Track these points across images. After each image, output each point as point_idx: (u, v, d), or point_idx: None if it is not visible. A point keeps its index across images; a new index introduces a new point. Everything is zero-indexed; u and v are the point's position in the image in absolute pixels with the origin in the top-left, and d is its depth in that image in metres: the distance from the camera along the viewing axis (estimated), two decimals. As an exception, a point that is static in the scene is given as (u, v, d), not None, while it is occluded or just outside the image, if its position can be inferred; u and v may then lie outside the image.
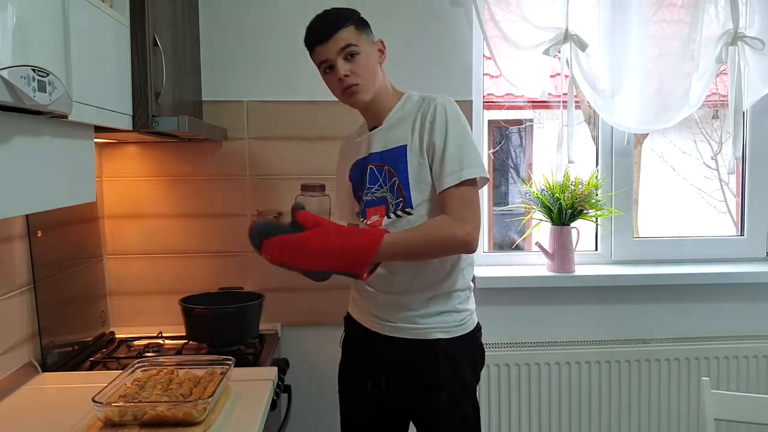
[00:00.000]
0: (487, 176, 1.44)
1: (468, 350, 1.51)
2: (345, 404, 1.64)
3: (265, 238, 1.33)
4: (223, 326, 1.78)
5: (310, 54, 1.47)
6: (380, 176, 1.49)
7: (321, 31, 1.43)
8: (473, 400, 1.53)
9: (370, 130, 1.54)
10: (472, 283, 1.56)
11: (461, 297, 1.50)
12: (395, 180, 1.46)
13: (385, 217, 1.47)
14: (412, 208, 1.44)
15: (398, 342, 1.48)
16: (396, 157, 1.46)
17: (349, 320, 1.63)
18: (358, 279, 1.36)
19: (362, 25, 1.46)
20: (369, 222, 1.50)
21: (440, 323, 1.47)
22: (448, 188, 1.39)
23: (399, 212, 1.46)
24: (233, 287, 2.00)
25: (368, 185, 1.52)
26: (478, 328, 1.55)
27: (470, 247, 1.38)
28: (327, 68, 1.45)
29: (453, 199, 1.39)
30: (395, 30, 2.07)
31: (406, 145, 1.46)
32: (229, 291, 1.96)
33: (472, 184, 1.41)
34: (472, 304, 1.54)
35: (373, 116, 1.53)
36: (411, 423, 1.59)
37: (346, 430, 1.65)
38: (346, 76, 1.42)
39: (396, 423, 1.60)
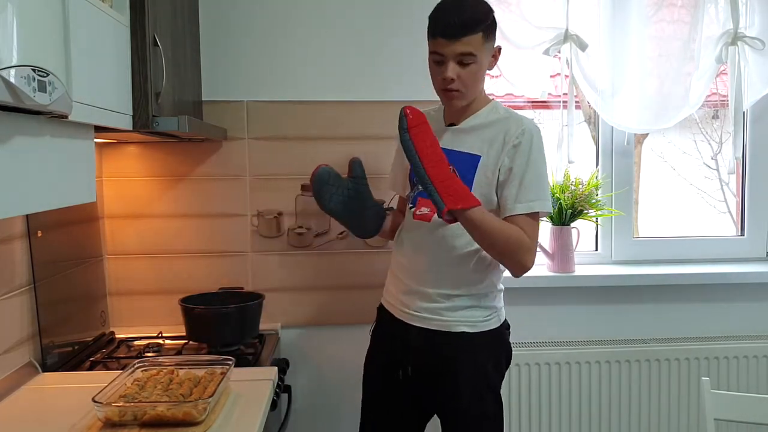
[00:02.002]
0: (551, 211, 1.49)
1: (492, 346, 1.54)
2: (369, 394, 1.65)
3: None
4: (223, 326, 1.78)
5: (429, 35, 1.46)
6: None
7: (451, 28, 1.39)
8: (496, 396, 1.55)
9: (448, 125, 1.55)
10: (502, 285, 1.59)
11: (490, 296, 1.53)
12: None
13: (435, 215, 1.44)
14: None
15: (424, 332, 1.51)
16: (465, 165, 1.47)
17: (381, 310, 1.66)
18: (439, 210, 1.34)
19: (490, 32, 1.43)
20: (418, 211, 1.51)
21: (466, 317, 1.50)
22: (518, 214, 1.43)
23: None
24: (233, 287, 2.00)
25: None
26: (505, 325, 1.58)
27: (525, 268, 1.45)
28: (438, 60, 1.44)
29: (526, 225, 1.43)
30: (395, 30, 2.07)
31: (480, 157, 1.47)
32: (229, 291, 1.96)
33: (540, 215, 1.47)
34: (500, 302, 1.57)
35: (455, 112, 1.53)
36: (436, 416, 1.61)
37: (367, 420, 1.66)
38: (453, 80, 1.42)
39: (419, 415, 1.63)
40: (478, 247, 1.47)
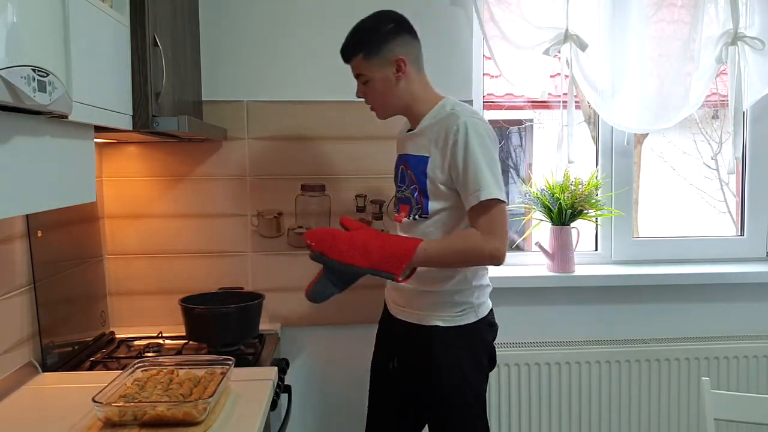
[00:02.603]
0: (503, 199, 1.46)
1: (467, 341, 1.56)
2: (372, 386, 1.75)
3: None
4: (223, 326, 1.78)
5: None
6: (406, 178, 1.61)
7: (341, 55, 1.56)
8: (477, 392, 1.58)
9: (408, 131, 1.62)
10: (486, 282, 1.62)
11: (464, 292, 1.56)
12: (415, 187, 1.56)
13: (408, 216, 1.59)
14: (428, 215, 1.54)
15: (405, 325, 1.61)
16: (418, 167, 1.55)
17: (384, 306, 1.76)
18: (393, 280, 1.44)
19: (372, 52, 1.51)
20: (396, 215, 1.67)
21: (439, 312, 1.56)
22: (472, 207, 1.45)
23: (417, 216, 1.57)
24: (233, 287, 2.00)
25: (399, 183, 1.65)
26: (485, 322, 1.60)
27: (497, 260, 1.45)
28: None
29: (479, 216, 1.45)
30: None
31: (428, 158, 1.52)
32: (229, 291, 1.96)
33: (497, 201, 1.45)
34: (477, 299, 1.59)
35: (411, 120, 1.62)
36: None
37: (370, 409, 1.75)
38: (362, 96, 1.59)
39: (412, 409, 1.68)
40: None
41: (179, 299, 1.80)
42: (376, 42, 1.51)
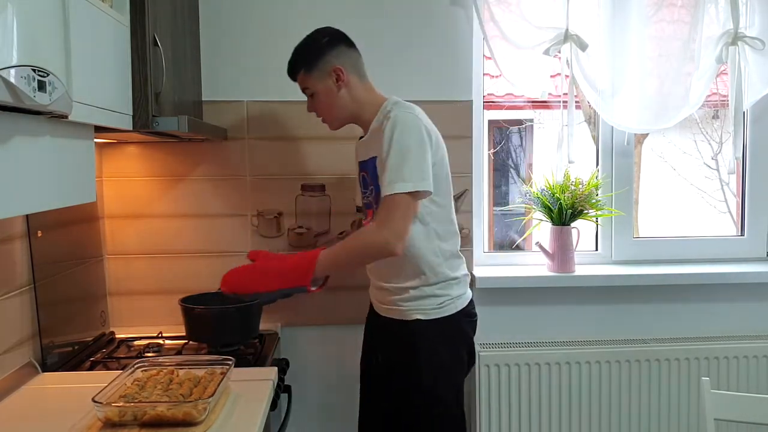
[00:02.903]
0: (422, 190, 1.47)
1: (447, 333, 1.61)
2: (362, 385, 1.80)
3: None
4: (223, 326, 1.78)
5: None
6: (365, 183, 1.66)
7: (288, 73, 1.65)
8: (455, 384, 1.62)
9: (360, 138, 1.69)
10: (463, 272, 1.67)
11: (443, 285, 1.61)
12: (372, 188, 1.61)
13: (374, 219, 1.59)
14: None
15: (386, 321, 1.66)
16: (371, 169, 1.60)
17: (370, 305, 1.79)
18: (306, 292, 1.49)
19: (312, 66, 1.59)
20: (365, 221, 1.70)
21: (419, 306, 1.60)
22: (383, 197, 1.47)
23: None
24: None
25: (362, 190, 1.70)
26: (465, 313, 1.64)
27: (389, 251, 1.45)
28: None
29: (381, 207, 1.48)
30: (395, 30, 2.07)
31: (375, 157, 1.57)
32: None
33: (402, 194, 1.46)
34: (456, 291, 1.63)
35: (363, 127, 1.67)
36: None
37: (362, 411, 1.80)
38: (312, 110, 1.67)
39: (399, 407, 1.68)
40: (418, 245, 1.57)
41: (179, 299, 1.80)
42: (313, 56, 1.59)
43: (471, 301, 1.68)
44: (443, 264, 1.61)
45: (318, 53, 1.59)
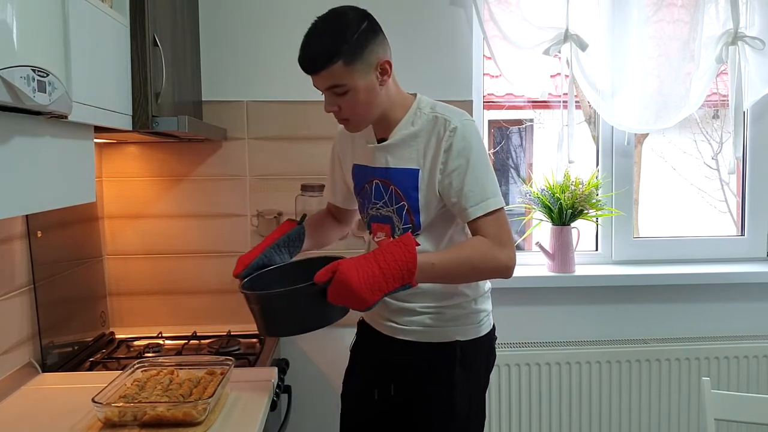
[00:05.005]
0: (504, 205, 1.35)
1: (484, 352, 1.48)
2: (347, 409, 1.60)
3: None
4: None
5: None
6: (386, 194, 1.41)
7: (305, 63, 1.31)
8: (481, 399, 1.51)
9: (379, 141, 1.43)
10: (490, 284, 1.53)
11: (478, 300, 1.47)
12: (404, 204, 1.38)
13: (391, 237, 1.43)
14: (419, 229, 1.39)
15: (414, 345, 1.43)
16: (406, 181, 1.38)
17: (362, 325, 1.59)
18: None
19: (354, 56, 1.28)
20: (376, 239, 1.47)
21: (456, 325, 1.43)
22: (476, 219, 1.32)
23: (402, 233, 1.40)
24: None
25: (373, 200, 1.45)
26: (493, 329, 1.52)
27: (512, 271, 1.33)
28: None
29: (488, 226, 1.31)
30: (395, 30, 2.05)
31: (418, 170, 1.37)
32: None
33: (501, 208, 1.34)
34: (489, 305, 1.52)
35: (381, 128, 1.42)
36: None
37: None
38: (338, 110, 1.34)
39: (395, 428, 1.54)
40: None
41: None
42: (355, 45, 1.28)
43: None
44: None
45: (361, 42, 1.28)
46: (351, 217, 1.69)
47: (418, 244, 1.26)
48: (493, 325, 1.53)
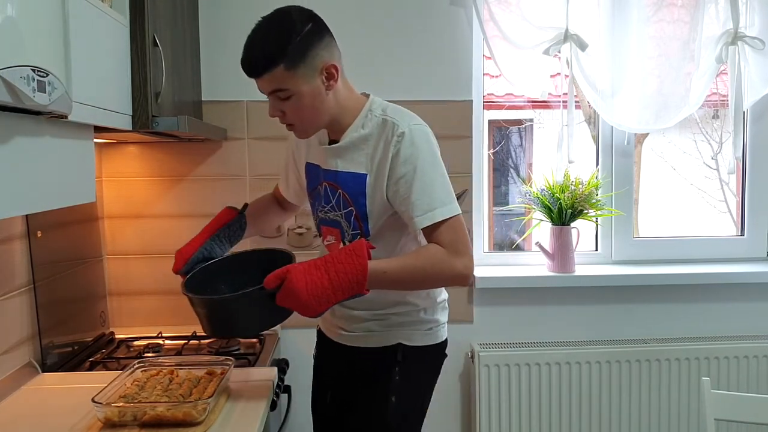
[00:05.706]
0: (459, 212, 1.29)
1: (428, 363, 1.46)
2: (314, 416, 1.65)
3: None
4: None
5: None
6: (333, 198, 1.38)
7: (246, 67, 1.28)
8: (419, 416, 1.48)
9: (330, 143, 1.39)
10: (446, 294, 1.50)
11: (428, 310, 1.44)
12: (352, 209, 1.35)
13: (341, 242, 1.40)
14: (369, 236, 1.35)
15: (360, 351, 1.45)
16: (354, 186, 1.34)
17: (320, 333, 1.62)
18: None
19: (296, 60, 1.23)
20: (326, 242, 1.45)
21: (401, 329, 1.42)
22: (426, 227, 1.27)
23: (351, 240, 1.38)
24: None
25: (323, 203, 1.42)
26: (444, 344, 1.48)
27: (468, 279, 1.29)
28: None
29: (442, 234, 1.26)
30: (395, 29, 2.07)
31: (366, 175, 1.32)
32: None
33: (449, 220, 1.28)
34: (443, 317, 1.48)
35: (333, 130, 1.38)
36: None
37: None
38: (282, 115, 1.30)
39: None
40: None
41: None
42: (297, 48, 1.23)
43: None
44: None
45: (304, 45, 1.23)
46: (297, 208, 1.72)
47: (373, 247, 1.23)
48: (445, 340, 1.48)
